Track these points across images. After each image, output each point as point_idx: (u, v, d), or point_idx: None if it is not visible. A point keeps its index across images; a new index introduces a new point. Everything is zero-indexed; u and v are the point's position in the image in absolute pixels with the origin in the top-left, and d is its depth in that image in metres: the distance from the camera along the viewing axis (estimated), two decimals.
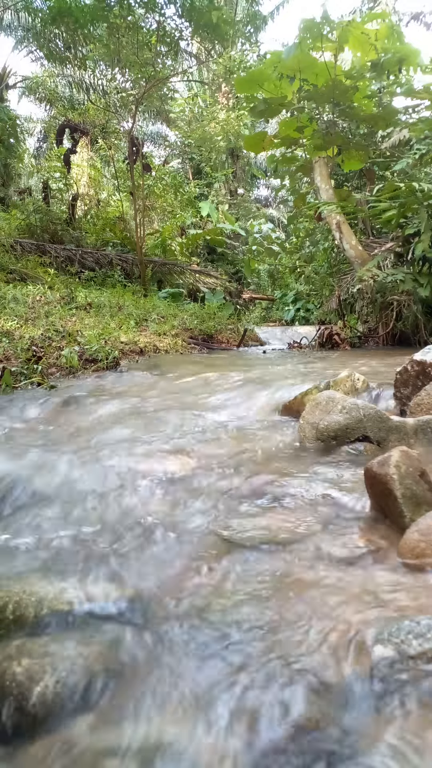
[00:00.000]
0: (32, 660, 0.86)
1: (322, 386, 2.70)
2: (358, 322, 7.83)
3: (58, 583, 1.09)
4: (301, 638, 0.89)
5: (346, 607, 0.96)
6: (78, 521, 1.46)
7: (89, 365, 4.47)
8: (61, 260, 10.46)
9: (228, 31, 10.92)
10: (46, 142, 19.32)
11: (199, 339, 7.80)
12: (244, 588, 1.07)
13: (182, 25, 10.47)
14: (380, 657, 0.81)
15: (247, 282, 15.80)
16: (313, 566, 1.13)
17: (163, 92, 12.47)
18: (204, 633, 0.94)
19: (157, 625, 0.97)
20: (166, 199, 13.29)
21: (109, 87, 13.72)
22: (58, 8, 10.44)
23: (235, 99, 15.47)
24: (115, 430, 2.52)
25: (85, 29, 10.64)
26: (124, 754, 0.74)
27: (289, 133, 8.16)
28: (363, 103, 7.74)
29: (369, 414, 1.91)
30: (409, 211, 6.42)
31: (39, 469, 1.80)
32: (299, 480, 1.60)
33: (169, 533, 1.35)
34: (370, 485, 1.38)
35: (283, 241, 15.71)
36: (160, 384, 3.84)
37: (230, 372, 4.10)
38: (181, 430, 2.44)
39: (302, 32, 7.25)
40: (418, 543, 1.10)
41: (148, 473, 1.77)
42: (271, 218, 21.46)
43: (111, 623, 0.98)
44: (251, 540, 1.27)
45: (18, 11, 12.71)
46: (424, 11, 15.82)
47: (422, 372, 2.48)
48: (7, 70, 14.63)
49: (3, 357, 4.03)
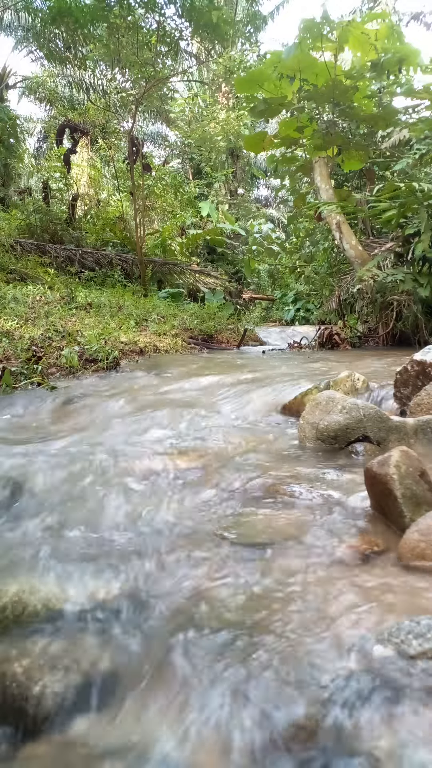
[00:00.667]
0: (32, 660, 0.86)
1: (322, 386, 2.70)
2: (358, 322, 7.83)
3: (58, 583, 1.09)
4: (300, 638, 0.89)
5: (345, 606, 0.96)
6: (77, 521, 1.46)
7: (89, 365, 4.47)
8: (61, 260, 10.46)
9: (228, 31, 10.92)
10: (46, 142, 19.33)
11: (199, 339, 7.80)
12: (242, 588, 1.07)
13: (182, 25, 10.48)
14: (380, 657, 0.81)
15: (247, 282, 15.80)
16: (312, 566, 1.13)
17: (163, 92, 12.47)
18: (204, 633, 0.94)
19: (157, 624, 0.97)
20: (166, 199, 13.29)
21: (109, 87, 13.72)
22: (58, 8, 10.44)
23: (235, 99, 15.48)
24: (115, 429, 2.52)
25: (85, 29, 10.64)
26: (124, 754, 0.73)
27: (289, 133, 8.16)
28: (363, 103, 7.74)
29: (369, 414, 1.91)
30: (409, 211, 6.42)
31: (39, 469, 1.80)
32: (299, 480, 1.60)
33: (167, 532, 1.35)
34: (370, 485, 1.38)
35: (283, 241, 15.71)
36: (160, 384, 3.84)
37: (230, 372, 4.10)
38: (180, 430, 2.44)
39: (302, 32, 7.26)
40: (418, 543, 1.10)
41: (147, 473, 1.77)
42: (271, 218, 21.46)
43: (111, 623, 0.98)
44: (250, 540, 1.27)
45: (18, 11, 12.72)
46: (424, 11, 15.87)
47: (422, 372, 2.48)
48: (7, 70, 14.64)
49: (3, 357, 4.03)
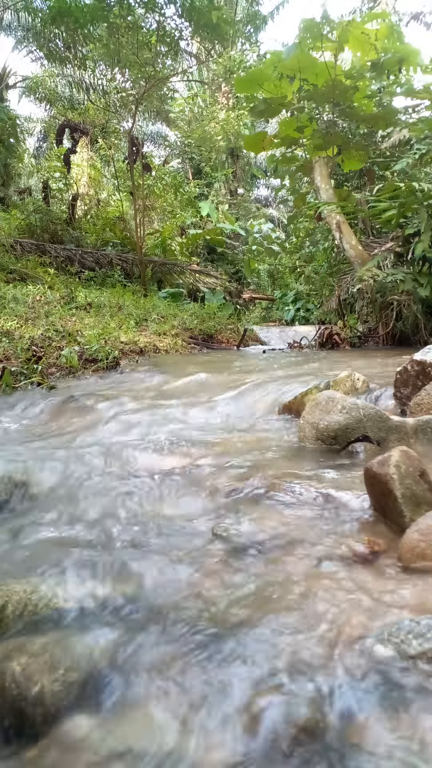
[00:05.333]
0: (31, 659, 0.86)
1: (322, 386, 2.70)
2: (358, 322, 7.82)
3: (58, 582, 1.09)
4: (300, 638, 0.89)
5: (346, 606, 0.96)
6: (77, 520, 1.46)
7: (89, 365, 4.47)
8: (61, 260, 10.46)
9: (228, 31, 10.92)
10: (46, 142, 19.33)
11: (199, 339, 7.79)
12: (241, 588, 1.07)
13: (182, 25, 10.48)
14: (380, 657, 0.81)
15: (247, 282, 15.79)
16: (312, 566, 1.13)
17: (162, 92, 12.48)
18: (204, 632, 0.94)
19: (157, 624, 0.97)
20: (166, 199, 13.29)
21: (109, 87, 13.72)
22: (58, 8, 10.44)
23: (235, 99, 15.47)
24: (115, 429, 2.52)
25: (85, 29, 10.64)
26: (125, 753, 0.73)
27: (289, 133, 8.16)
28: (363, 103, 7.74)
29: (369, 414, 1.91)
30: (409, 211, 6.41)
31: (39, 468, 1.80)
32: (299, 480, 1.60)
33: (166, 532, 1.35)
34: (370, 485, 1.38)
35: (283, 241, 15.70)
36: (160, 384, 3.84)
37: (230, 372, 4.10)
38: (180, 429, 2.44)
39: (302, 32, 7.25)
40: (418, 543, 1.10)
41: (146, 472, 1.77)
42: (271, 218, 21.43)
43: (110, 622, 0.98)
44: (249, 539, 1.27)
45: (18, 11, 12.72)
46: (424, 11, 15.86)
47: (422, 372, 2.48)
48: (7, 70, 14.64)
49: (3, 357, 4.03)
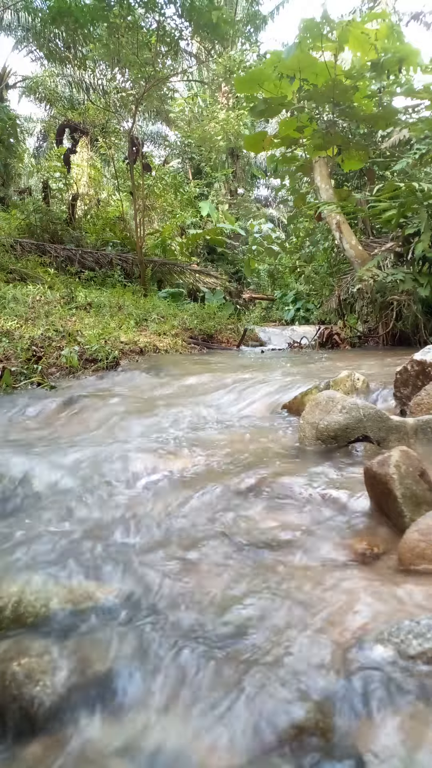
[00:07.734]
0: (32, 659, 0.86)
1: (322, 386, 2.70)
2: (358, 322, 7.82)
3: (58, 582, 1.09)
4: (300, 638, 0.89)
5: (346, 606, 0.96)
6: (76, 520, 1.46)
7: (89, 365, 4.47)
8: (61, 260, 10.46)
9: (228, 31, 10.91)
10: (46, 141, 19.34)
11: (199, 339, 7.79)
12: (241, 588, 1.07)
13: (182, 24, 10.47)
14: (380, 657, 0.81)
15: (247, 282, 15.79)
16: (312, 566, 1.13)
17: (162, 92, 12.46)
18: (204, 632, 0.94)
19: (158, 623, 0.97)
20: (166, 199, 13.29)
21: (109, 87, 13.73)
22: (58, 8, 10.44)
23: (235, 99, 15.47)
24: (115, 429, 2.52)
25: (85, 29, 10.64)
26: (125, 753, 0.73)
27: (289, 133, 8.16)
28: (363, 103, 7.74)
29: (369, 414, 1.91)
30: (409, 211, 6.41)
31: (39, 468, 1.79)
32: (299, 480, 1.60)
33: (167, 531, 1.35)
34: (370, 485, 1.38)
35: (283, 241, 15.70)
36: (160, 384, 3.84)
37: (230, 372, 4.10)
38: (180, 429, 2.44)
39: (302, 32, 7.25)
40: (418, 543, 1.10)
41: (146, 472, 1.77)
42: (271, 218, 21.44)
43: (111, 622, 0.98)
44: (249, 539, 1.27)
45: (18, 11, 12.73)
46: (424, 11, 15.85)
47: (422, 372, 2.48)
48: (7, 70, 14.65)
49: (3, 357, 4.02)
